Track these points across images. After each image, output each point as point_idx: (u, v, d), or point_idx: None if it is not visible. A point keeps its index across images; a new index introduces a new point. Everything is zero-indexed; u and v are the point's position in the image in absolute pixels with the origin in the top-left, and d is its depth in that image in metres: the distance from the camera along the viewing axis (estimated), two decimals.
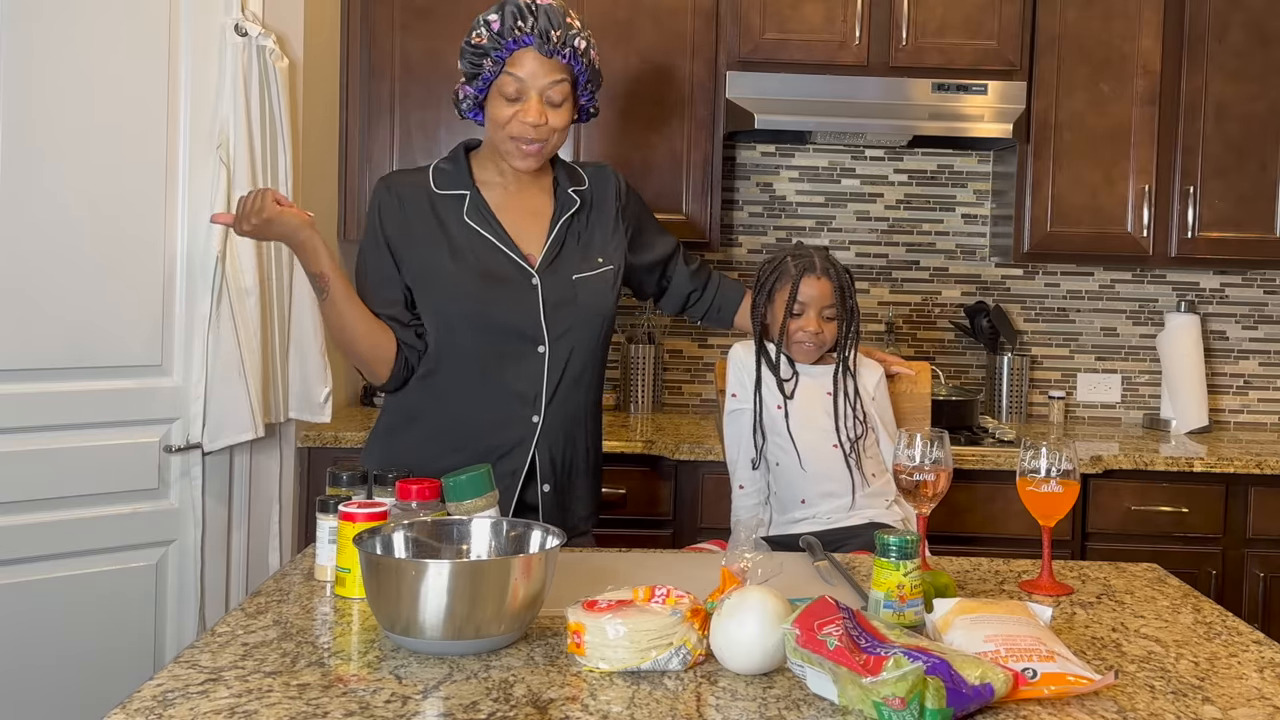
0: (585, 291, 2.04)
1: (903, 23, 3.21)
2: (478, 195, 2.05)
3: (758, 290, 2.29)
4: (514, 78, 1.95)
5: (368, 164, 3.27)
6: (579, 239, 2.08)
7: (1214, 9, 3.27)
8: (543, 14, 1.93)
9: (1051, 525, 1.71)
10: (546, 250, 2.04)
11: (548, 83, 1.95)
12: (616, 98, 3.22)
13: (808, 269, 2.23)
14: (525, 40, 1.93)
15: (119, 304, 2.53)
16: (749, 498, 2.29)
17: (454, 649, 1.33)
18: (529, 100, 1.95)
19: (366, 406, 3.49)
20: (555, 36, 1.93)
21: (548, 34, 1.93)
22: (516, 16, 1.93)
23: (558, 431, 2.05)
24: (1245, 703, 1.26)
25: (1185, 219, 3.30)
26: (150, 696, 1.20)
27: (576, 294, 2.03)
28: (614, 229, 2.13)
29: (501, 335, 2.00)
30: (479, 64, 1.97)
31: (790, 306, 2.22)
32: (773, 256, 2.30)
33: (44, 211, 2.43)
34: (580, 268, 2.05)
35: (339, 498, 1.65)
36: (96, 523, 2.53)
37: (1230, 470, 3.01)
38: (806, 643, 1.21)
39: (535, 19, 1.93)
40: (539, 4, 1.94)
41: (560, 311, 2.01)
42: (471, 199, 2.04)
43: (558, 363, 2.02)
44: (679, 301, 2.35)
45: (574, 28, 1.96)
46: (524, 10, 1.94)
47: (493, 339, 2.00)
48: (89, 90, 2.47)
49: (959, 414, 3.19)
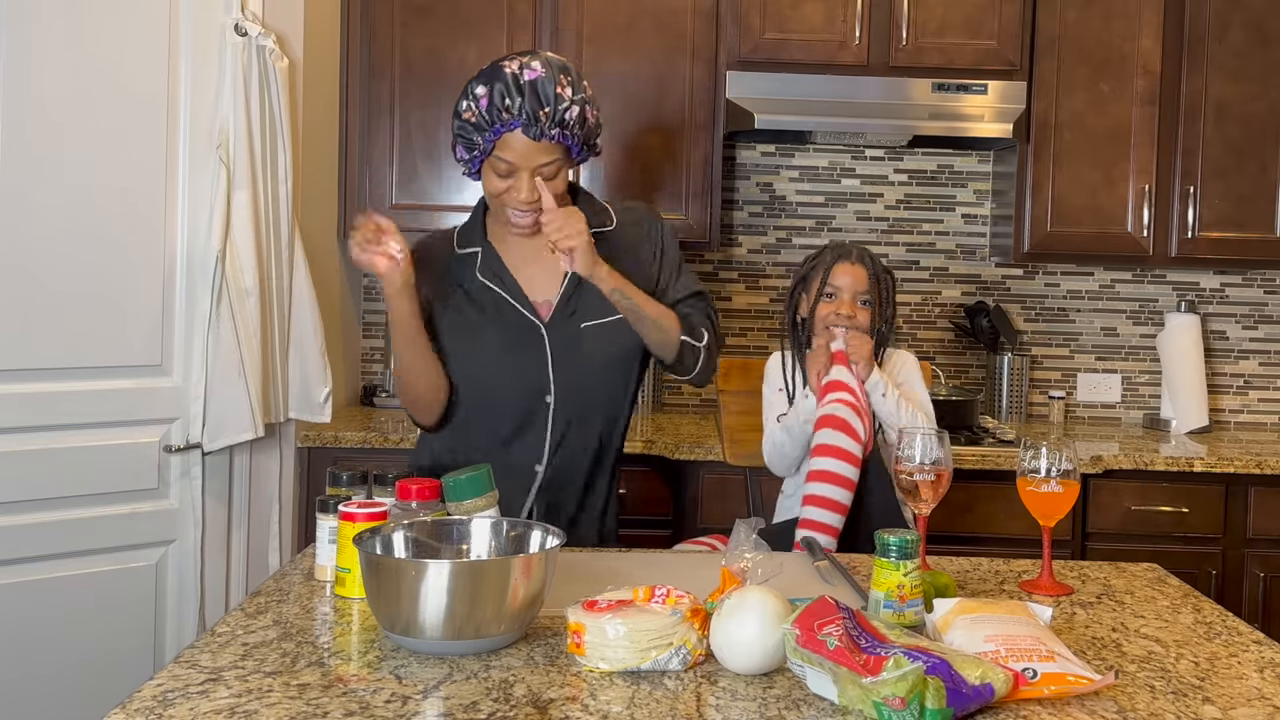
0: (595, 340, 2.01)
1: (903, 23, 3.21)
2: (490, 250, 2.04)
3: (794, 284, 2.33)
4: (503, 160, 1.90)
5: (368, 164, 3.27)
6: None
7: (1214, 9, 3.27)
8: (529, 92, 1.85)
9: (1051, 525, 1.71)
10: (560, 298, 2.01)
11: (539, 163, 1.90)
12: (616, 98, 3.22)
13: (842, 256, 2.28)
14: (512, 124, 1.87)
15: (119, 304, 2.53)
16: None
17: (454, 649, 1.33)
18: (520, 179, 1.91)
19: (366, 406, 3.49)
20: (544, 117, 1.86)
21: (535, 115, 1.85)
22: (504, 95, 1.86)
23: (563, 482, 2.04)
24: (1245, 703, 1.26)
25: (1185, 219, 3.30)
26: (150, 696, 1.20)
27: (584, 343, 2.00)
28: (644, 274, 2.05)
29: (510, 391, 2.00)
30: (470, 140, 1.93)
31: (822, 290, 2.26)
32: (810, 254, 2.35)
33: (44, 211, 2.43)
34: (592, 315, 2.01)
35: (339, 498, 1.65)
36: (96, 523, 2.53)
37: (1230, 470, 3.01)
38: (806, 643, 1.20)
39: (523, 98, 1.85)
40: (525, 80, 1.86)
41: (568, 361, 2.00)
42: (484, 255, 2.03)
43: (563, 413, 2.00)
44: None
45: (564, 99, 1.87)
46: (510, 88, 1.86)
47: (502, 394, 2.00)
48: (89, 90, 2.47)
49: (959, 414, 3.19)
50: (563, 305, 2.01)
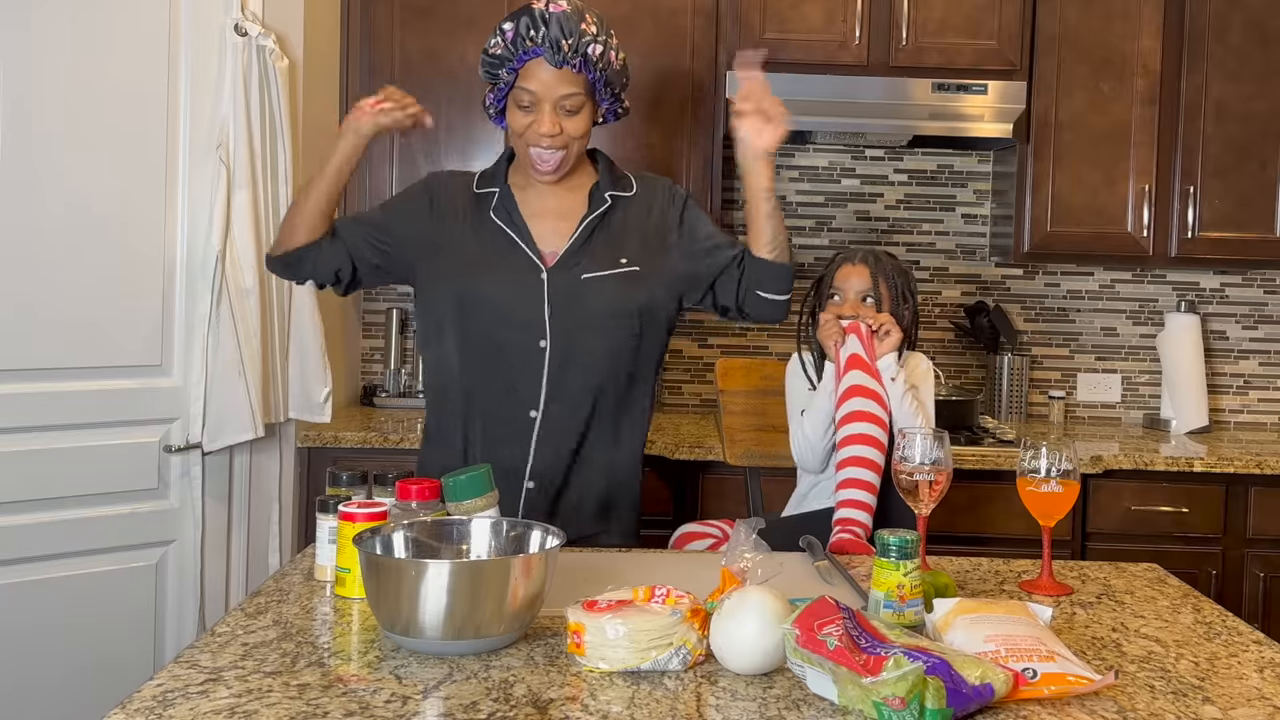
0: (596, 291, 2.01)
1: (903, 23, 3.21)
2: (508, 193, 2.06)
3: (809, 290, 2.42)
4: (526, 90, 1.95)
5: (367, 164, 3.27)
6: (608, 240, 2.05)
7: (1214, 9, 3.27)
8: (554, 23, 1.91)
9: (1051, 525, 1.71)
10: (567, 249, 2.02)
11: (560, 94, 1.95)
12: None
13: (845, 259, 2.36)
14: (535, 51, 1.93)
15: (119, 304, 2.53)
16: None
17: (454, 649, 1.33)
18: (542, 111, 1.95)
19: (366, 406, 3.49)
20: (566, 46, 1.92)
21: (558, 44, 1.91)
22: (529, 26, 1.93)
23: (561, 432, 2.03)
24: (1245, 703, 1.26)
25: (1185, 219, 3.30)
26: (150, 696, 1.20)
27: (586, 292, 2.01)
28: (662, 236, 2.07)
29: (505, 325, 2.00)
30: (495, 74, 1.99)
31: (826, 293, 2.35)
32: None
33: (44, 211, 2.43)
34: (596, 267, 2.02)
35: (339, 498, 1.65)
36: (96, 523, 2.53)
37: (1230, 470, 3.01)
38: (806, 643, 1.20)
39: (546, 28, 1.92)
40: (551, 12, 1.93)
41: (566, 309, 2.00)
42: (500, 196, 2.06)
43: (557, 359, 2.00)
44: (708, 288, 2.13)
45: (588, 34, 1.93)
46: (535, 20, 1.92)
47: (496, 328, 2.00)
48: (89, 90, 2.47)
49: (959, 414, 3.19)
50: (567, 257, 2.02)
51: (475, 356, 2.02)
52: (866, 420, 2.16)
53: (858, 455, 2.14)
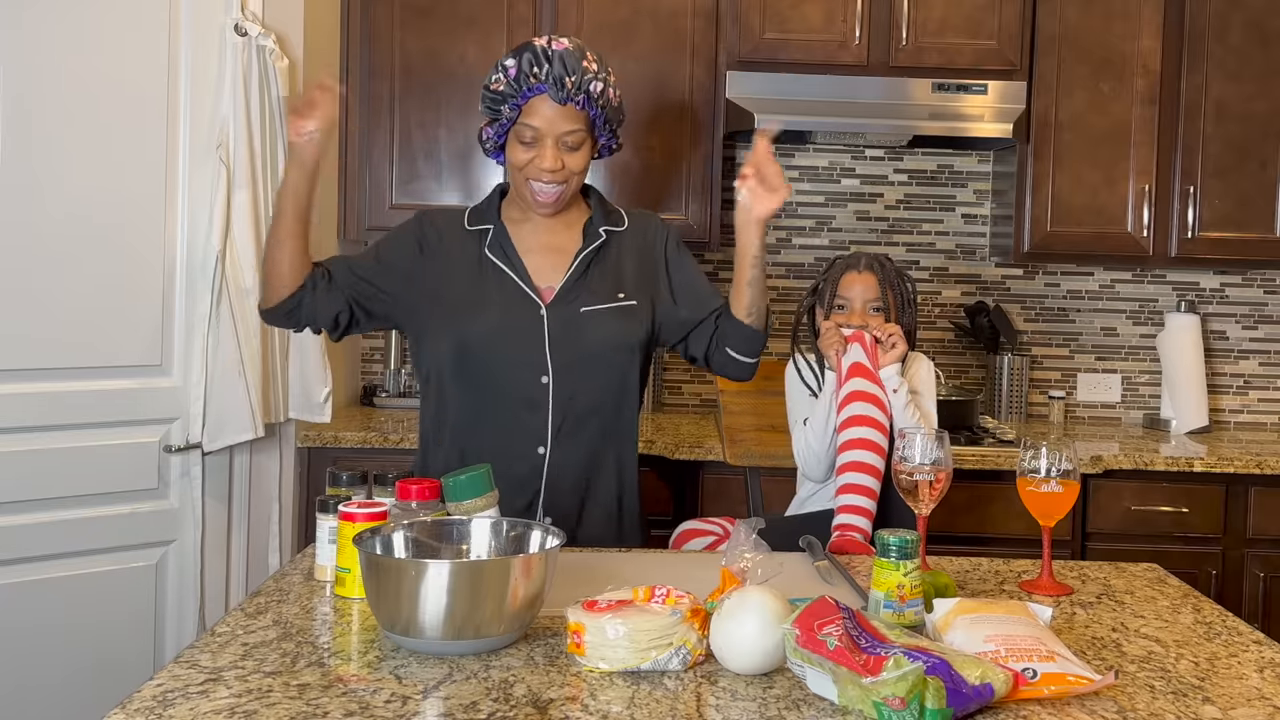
0: (595, 324, 2.02)
1: (903, 23, 3.21)
2: (502, 230, 2.06)
3: (808, 294, 2.40)
4: (529, 126, 1.96)
5: (367, 164, 3.27)
6: (604, 274, 2.05)
7: (1214, 9, 3.27)
8: (557, 60, 1.93)
9: (1051, 525, 1.71)
10: (564, 284, 2.03)
11: (563, 130, 1.96)
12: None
13: (850, 265, 2.35)
14: (539, 88, 1.94)
15: (119, 304, 2.53)
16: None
17: (454, 649, 1.33)
18: (544, 146, 1.96)
19: (366, 406, 3.49)
20: (569, 83, 1.93)
21: (561, 81, 1.93)
22: (532, 63, 1.94)
23: (570, 467, 2.03)
24: (1245, 703, 1.26)
25: (1185, 219, 3.30)
26: (150, 696, 1.20)
27: (584, 327, 2.01)
28: (652, 271, 2.10)
29: (507, 364, 1.99)
30: (497, 109, 1.99)
31: (833, 302, 2.34)
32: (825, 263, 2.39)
33: (44, 211, 2.43)
34: (594, 300, 2.03)
35: (339, 498, 1.65)
36: (96, 523, 2.53)
37: (1230, 470, 3.01)
38: (806, 643, 1.20)
39: (550, 65, 1.93)
40: (554, 50, 1.94)
41: (566, 344, 2.00)
42: (495, 233, 2.06)
43: (563, 395, 2.00)
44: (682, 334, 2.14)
45: (589, 71, 1.95)
46: (539, 56, 1.94)
47: (499, 367, 2.00)
48: (89, 90, 2.47)
49: (959, 414, 3.19)
50: (565, 292, 2.03)
51: (478, 397, 2.02)
52: (867, 425, 2.16)
53: (858, 460, 2.14)
